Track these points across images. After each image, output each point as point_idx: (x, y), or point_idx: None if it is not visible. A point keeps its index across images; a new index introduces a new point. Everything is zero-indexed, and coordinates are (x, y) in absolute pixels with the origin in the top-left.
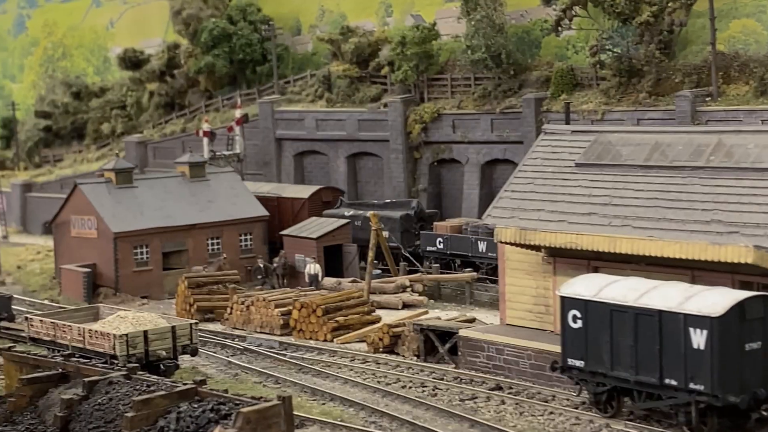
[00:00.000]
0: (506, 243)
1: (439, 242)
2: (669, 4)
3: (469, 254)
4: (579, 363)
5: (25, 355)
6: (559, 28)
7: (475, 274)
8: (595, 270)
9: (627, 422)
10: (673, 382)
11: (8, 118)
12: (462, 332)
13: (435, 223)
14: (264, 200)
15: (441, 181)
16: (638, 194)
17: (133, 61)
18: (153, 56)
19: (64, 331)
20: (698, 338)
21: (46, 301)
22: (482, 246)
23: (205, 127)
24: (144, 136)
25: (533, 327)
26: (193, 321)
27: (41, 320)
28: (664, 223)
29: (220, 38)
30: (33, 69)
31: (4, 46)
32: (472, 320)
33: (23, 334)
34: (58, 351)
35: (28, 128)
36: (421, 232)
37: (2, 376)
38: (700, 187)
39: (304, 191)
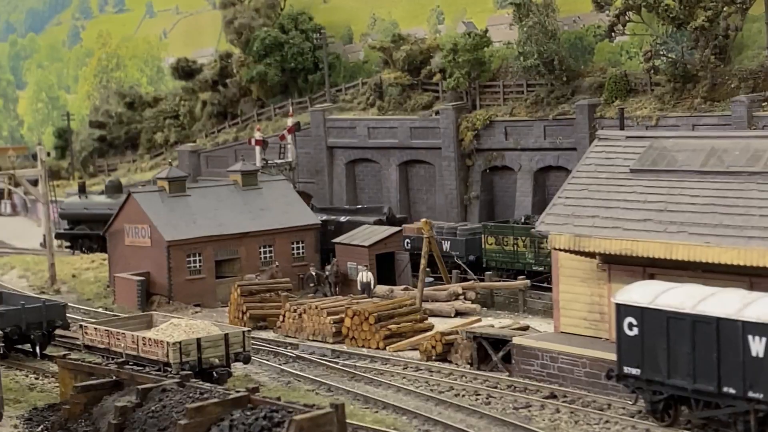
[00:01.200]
0: (560, 250)
1: (407, 243)
2: (724, 9)
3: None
4: (635, 371)
5: (79, 362)
6: (613, 34)
7: (528, 282)
8: (651, 277)
9: (684, 431)
10: (732, 391)
11: (63, 129)
12: (516, 340)
13: (404, 225)
14: None
15: (493, 188)
16: (694, 200)
17: (186, 70)
18: (205, 66)
19: (118, 339)
20: (757, 346)
21: (100, 310)
22: (446, 245)
23: (257, 135)
24: (197, 145)
25: (588, 335)
26: (246, 329)
27: (95, 328)
28: (720, 229)
29: (272, 47)
30: (87, 80)
31: (59, 57)
32: (526, 328)
33: (78, 342)
34: (112, 359)
35: (83, 138)
36: None
37: (57, 384)
38: (757, 192)
39: None
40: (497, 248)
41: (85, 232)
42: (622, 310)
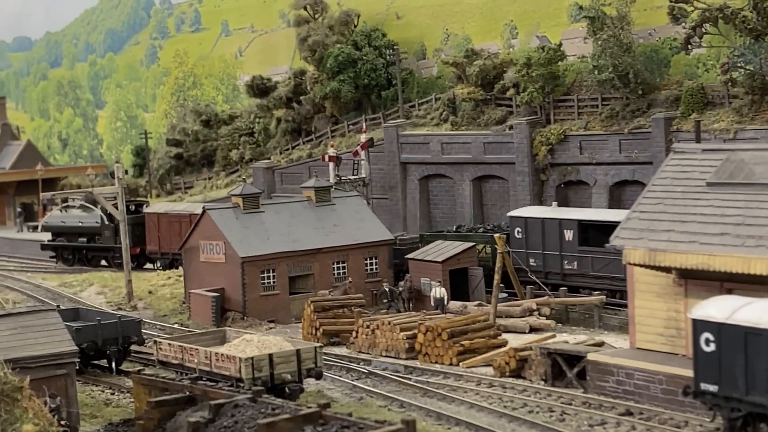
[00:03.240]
0: (635, 264)
1: None
2: None
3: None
4: (712, 387)
5: (153, 378)
6: (689, 46)
7: (603, 297)
8: (729, 292)
9: None
10: None
11: (141, 147)
12: (590, 356)
13: None
14: (177, 217)
15: (568, 203)
16: None
17: (260, 88)
18: (280, 83)
19: (192, 355)
20: None
21: (175, 326)
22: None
23: (331, 152)
24: (271, 162)
25: (664, 351)
26: (318, 344)
27: (169, 344)
28: None
29: (346, 64)
30: (165, 98)
31: (137, 76)
32: (601, 344)
33: (152, 358)
34: (186, 374)
35: (160, 156)
36: None
37: (132, 399)
38: None
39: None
40: None
41: (64, 244)
42: (699, 325)
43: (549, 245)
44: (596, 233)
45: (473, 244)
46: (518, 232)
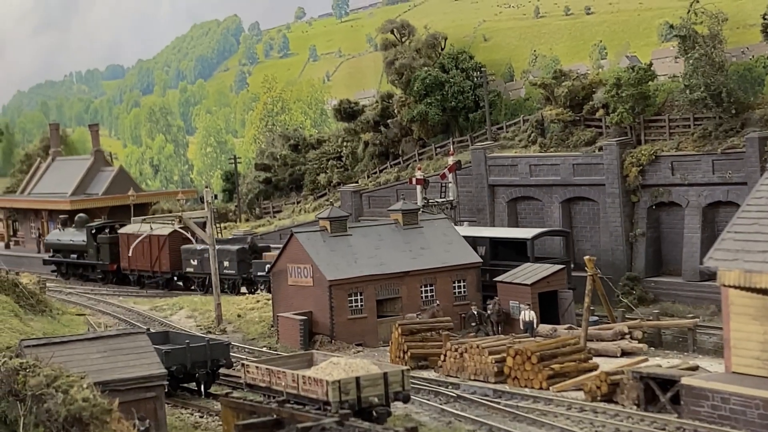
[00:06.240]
0: (729, 286)
1: (267, 268)
2: None
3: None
4: None
5: (241, 401)
6: None
7: (697, 320)
8: None
9: None
10: None
11: (230, 172)
12: (684, 380)
13: (264, 253)
14: (144, 238)
15: (660, 225)
16: None
17: (348, 112)
18: (367, 107)
19: (279, 378)
20: None
21: (264, 349)
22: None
23: (419, 174)
24: (359, 185)
25: (762, 375)
26: (405, 367)
27: (257, 367)
28: None
29: (433, 86)
30: (254, 123)
31: (226, 102)
32: (695, 368)
33: (240, 381)
34: (273, 397)
35: (249, 181)
36: (253, 261)
37: (220, 422)
38: None
39: (166, 230)
40: None
41: (59, 259)
42: None
43: None
44: (505, 249)
45: (563, 266)
46: None
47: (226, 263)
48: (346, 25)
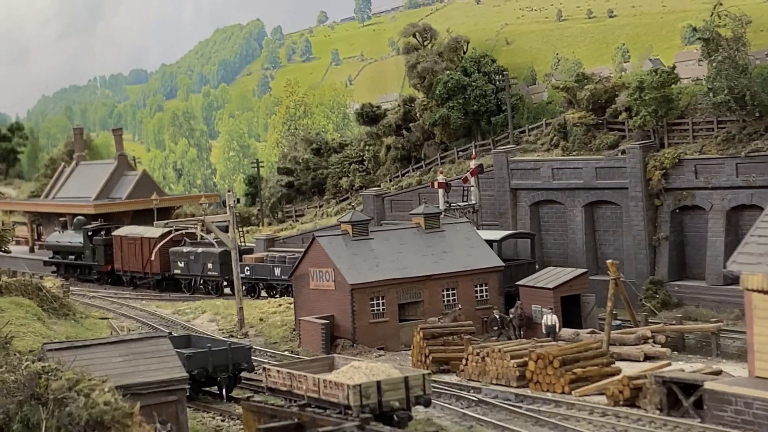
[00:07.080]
0: (753, 290)
1: (247, 270)
2: None
3: (268, 278)
4: None
5: (262, 405)
6: None
7: (721, 324)
8: None
9: None
10: None
11: (253, 176)
12: (708, 385)
13: (245, 255)
14: (135, 240)
15: (683, 228)
16: None
17: (370, 116)
18: (389, 110)
19: (300, 382)
20: None
21: (286, 353)
22: (278, 271)
23: (440, 178)
24: (381, 189)
25: None
26: (426, 371)
27: (278, 371)
28: None
29: (455, 90)
30: (276, 127)
31: (249, 106)
32: (719, 372)
33: (262, 385)
34: (294, 401)
35: (272, 185)
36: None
37: (242, 426)
38: None
39: (156, 232)
40: None
41: (58, 260)
42: None
43: None
44: None
45: (585, 270)
46: None
47: (209, 265)
48: (368, 29)
